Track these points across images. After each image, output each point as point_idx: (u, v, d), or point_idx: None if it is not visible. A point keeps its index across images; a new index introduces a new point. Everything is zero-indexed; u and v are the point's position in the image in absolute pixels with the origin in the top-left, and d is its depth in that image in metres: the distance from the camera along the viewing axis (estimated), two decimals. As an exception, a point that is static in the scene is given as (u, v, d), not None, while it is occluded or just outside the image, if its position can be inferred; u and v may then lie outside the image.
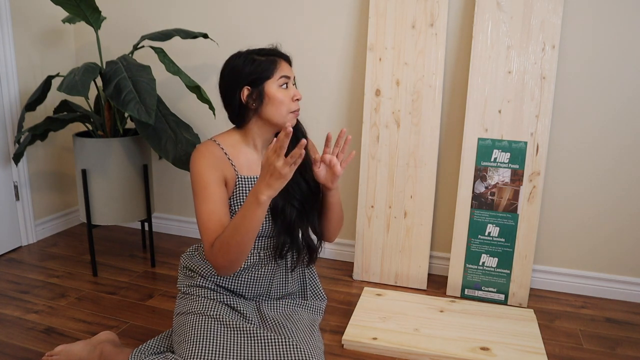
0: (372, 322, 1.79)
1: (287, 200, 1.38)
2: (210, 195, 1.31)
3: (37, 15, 2.45)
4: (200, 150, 1.35)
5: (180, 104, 2.53)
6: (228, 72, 1.37)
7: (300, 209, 1.40)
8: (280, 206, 1.38)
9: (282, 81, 1.35)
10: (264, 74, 1.34)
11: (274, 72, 1.34)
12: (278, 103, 1.34)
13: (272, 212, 1.39)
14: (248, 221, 1.19)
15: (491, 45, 1.95)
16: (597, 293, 2.09)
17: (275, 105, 1.34)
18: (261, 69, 1.34)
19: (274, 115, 1.35)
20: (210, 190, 1.31)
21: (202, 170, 1.32)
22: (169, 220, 2.71)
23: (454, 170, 2.15)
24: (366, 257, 2.19)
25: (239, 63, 1.36)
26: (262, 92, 1.34)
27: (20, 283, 2.11)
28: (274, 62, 1.36)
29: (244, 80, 1.34)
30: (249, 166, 1.40)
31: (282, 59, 1.38)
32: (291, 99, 1.36)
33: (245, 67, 1.34)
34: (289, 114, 1.36)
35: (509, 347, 1.66)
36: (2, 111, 2.33)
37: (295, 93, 1.37)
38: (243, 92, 1.35)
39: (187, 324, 1.31)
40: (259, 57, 1.36)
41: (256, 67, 1.34)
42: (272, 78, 1.34)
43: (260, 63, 1.34)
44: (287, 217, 1.38)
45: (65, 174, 2.71)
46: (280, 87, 1.35)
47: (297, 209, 1.40)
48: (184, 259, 1.50)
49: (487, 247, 2.03)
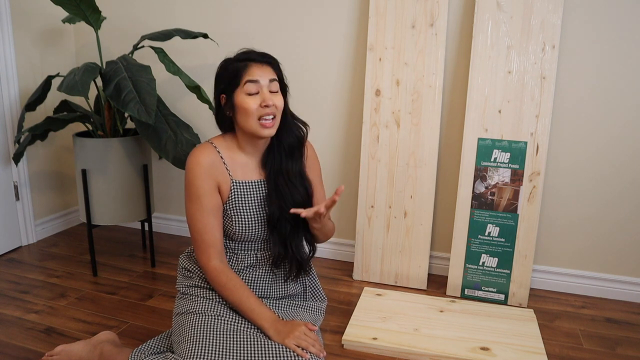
0: (372, 322, 1.79)
1: (282, 213, 1.38)
2: (205, 205, 1.34)
3: (37, 15, 2.45)
4: (197, 157, 1.33)
5: (180, 104, 2.53)
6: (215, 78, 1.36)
7: (293, 223, 1.40)
8: (276, 217, 1.38)
9: (248, 87, 1.26)
10: (233, 82, 1.29)
11: (241, 78, 1.28)
12: (244, 112, 1.28)
13: (267, 220, 1.39)
14: (244, 313, 1.31)
15: (491, 45, 1.95)
16: (597, 293, 2.09)
17: (243, 114, 1.28)
18: (230, 77, 1.30)
19: (245, 124, 1.30)
20: (204, 200, 1.33)
21: (196, 180, 1.32)
22: (168, 220, 2.71)
23: (454, 170, 2.14)
24: (366, 257, 2.19)
25: (219, 69, 1.34)
26: (233, 101, 1.30)
27: (20, 283, 2.11)
28: (243, 67, 1.28)
29: (219, 88, 1.33)
30: (243, 171, 1.39)
31: (255, 62, 1.30)
32: (260, 105, 1.27)
33: (222, 74, 1.32)
34: (257, 122, 1.28)
35: (509, 347, 1.66)
36: (2, 111, 2.33)
37: (265, 98, 1.27)
38: (222, 99, 1.34)
39: (186, 324, 1.31)
40: (234, 63, 1.31)
41: (226, 75, 1.31)
42: (239, 85, 1.28)
43: (230, 70, 1.30)
44: (282, 230, 1.39)
45: (65, 174, 2.71)
46: (247, 94, 1.27)
47: (290, 224, 1.39)
48: (182, 259, 1.50)
49: (487, 247, 2.03)
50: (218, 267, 1.33)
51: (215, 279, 1.33)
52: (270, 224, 1.39)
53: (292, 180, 1.39)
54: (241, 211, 1.37)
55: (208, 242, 1.34)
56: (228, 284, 1.32)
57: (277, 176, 1.39)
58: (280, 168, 1.39)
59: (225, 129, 1.40)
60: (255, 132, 1.30)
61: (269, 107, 1.28)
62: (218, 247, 1.36)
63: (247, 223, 1.37)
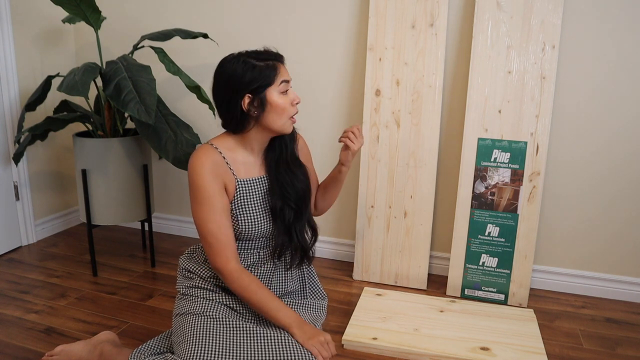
0: (372, 322, 1.79)
1: (285, 201, 1.40)
2: (216, 205, 1.32)
3: (37, 15, 2.45)
4: (199, 158, 1.33)
5: (180, 104, 2.53)
6: (226, 79, 1.33)
7: (296, 209, 1.42)
8: (279, 207, 1.39)
9: (282, 87, 1.33)
10: (266, 81, 1.31)
11: (274, 78, 1.32)
12: (280, 110, 1.33)
13: (272, 213, 1.40)
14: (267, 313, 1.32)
15: (491, 45, 1.95)
16: (597, 293, 2.09)
17: (277, 112, 1.33)
18: (263, 76, 1.31)
19: (275, 122, 1.34)
20: (214, 201, 1.32)
21: (203, 181, 1.31)
22: (168, 220, 2.71)
23: (454, 170, 2.14)
24: (366, 257, 2.19)
25: (237, 69, 1.31)
26: (264, 100, 1.31)
27: (20, 283, 2.11)
28: (274, 67, 1.32)
29: (245, 89, 1.31)
30: (246, 169, 1.40)
31: (280, 62, 1.35)
32: (291, 103, 1.35)
33: (245, 75, 1.30)
34: (289, 120, 1.35)
35: (509, 347, 1.66)
36: (2, 111, 2.33)
37: (295, 97, 1.36)
38: (244, 100, 1.33)
39: (186, 324, 1.31)
40: (258, 62, 1.32)
41: (257, 74, 1.30)
42: (273, 85, 1.31)
43: (261, 69, 1.31)
44: (285, 217, 1.40)
45: (65, 174, 2.71)
46: (281, 93, 1.33)
47: (294, 210, 1.41)
48: (182, 260, 1.50)
49: (487, 247, 2.03)
50: (238, 268, 1.34)
51: (236, 281, 1.32)
52: (274, 215, 1.40)
53: (292, 169, 1.42)
54: (247, 209, 1.38)
55: (224, 244, 1.33)
56: (251, 285, 1.32)
57: (277, 167, 1.42)
58: (279, 159, 1.43)
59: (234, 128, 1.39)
60: (283, 129, 1.36)
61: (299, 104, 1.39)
62: (233, 247, 1.36)
63: (253, 220, 1.38)
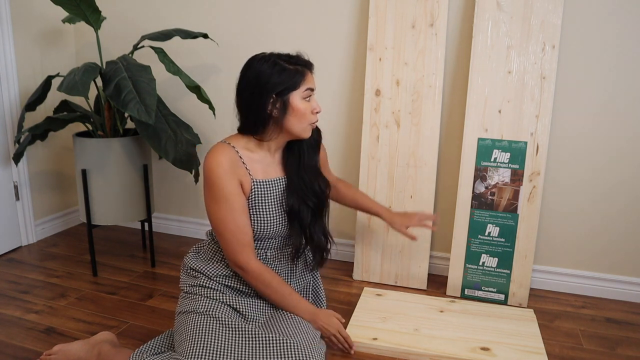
0: (372, 322, 1.79)
1: (303, 202, 1.41)
2: (235, 204, 1.34)
3: (37, 15, 2.45)
4: (217, 157, 1.33)
5: (180, 104, 2.53)
6: (254, 77, 1.33)
7: (314, 210, 1.44)
8: (296, 208, 1.40)
9: (306, 94, 1.36)
10: (292, 85, 1.33)
11: (300, 83, 1.34)
12: (301, 115, 1.35)
13: (288, 214, 1.41)
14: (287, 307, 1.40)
15: (491, 45, 1.95)
16: (597, 293, 2.09)
17: (297, 117, 1.35)
18: (290, 80, 1.32)
19: (294, 126, 1.36)
20: (232, 199, 1.33)
21: (220, 180, 1.32)
22: (168, 220, 2.71)
23: (454, 170, 2.14)
24: (366, 257, 2.19)
25: (266, 70, 1.32)
26: (287, 103, 1.33)
27: (20, 283, 2.11)
28: (302, 73, 1.35)
29: (272, 89, 1.32)
30: (263, 170, 1.40)
31: (309, 69, 1.38)
32: (312, 111, 1.37)
33: (273, 76, 1.32)
34: (308, 125, 1.38)
35: (509, 347, 1.66)
36: (2, 111, 2.33)
37: (316, 106, 1.39)
38: (268, 100, 1.33)
39: (189, 323, 1.32)
40: (288, 65, 1.34)
41: (285, 77, 1.32)
42: (298, 89, 1.33)
43: (289, 73, 1.33)
44: (303, 218, 1.41)
45: (65, 174, 2.71)
46: (303, 99, 1.35)
47: (311, 210, 1.44)
48: (188, 259, 1.50)
49: (487, 247, 2.03)
50: (260, 266, 1.37)
51: (259, 277, 1.35)
52: (291, 216, 1.41)
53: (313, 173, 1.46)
54: (262, 209, 1.39)
55: (244, 242, 1.35)
56: (273, 281, 1.36)
57: (298, 171, 1.45)
58: (299, 163, 1.46)
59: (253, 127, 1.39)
60: (301, 133, 1.39)
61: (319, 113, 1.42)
62: (252, 245, 1.38)
63: (268, 220, 1.39)
